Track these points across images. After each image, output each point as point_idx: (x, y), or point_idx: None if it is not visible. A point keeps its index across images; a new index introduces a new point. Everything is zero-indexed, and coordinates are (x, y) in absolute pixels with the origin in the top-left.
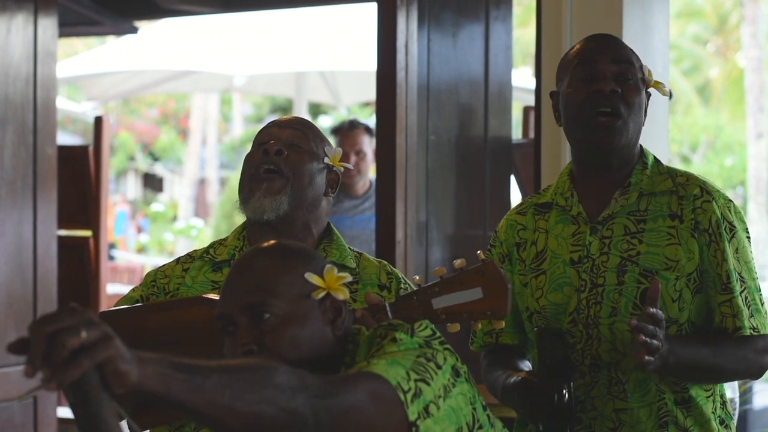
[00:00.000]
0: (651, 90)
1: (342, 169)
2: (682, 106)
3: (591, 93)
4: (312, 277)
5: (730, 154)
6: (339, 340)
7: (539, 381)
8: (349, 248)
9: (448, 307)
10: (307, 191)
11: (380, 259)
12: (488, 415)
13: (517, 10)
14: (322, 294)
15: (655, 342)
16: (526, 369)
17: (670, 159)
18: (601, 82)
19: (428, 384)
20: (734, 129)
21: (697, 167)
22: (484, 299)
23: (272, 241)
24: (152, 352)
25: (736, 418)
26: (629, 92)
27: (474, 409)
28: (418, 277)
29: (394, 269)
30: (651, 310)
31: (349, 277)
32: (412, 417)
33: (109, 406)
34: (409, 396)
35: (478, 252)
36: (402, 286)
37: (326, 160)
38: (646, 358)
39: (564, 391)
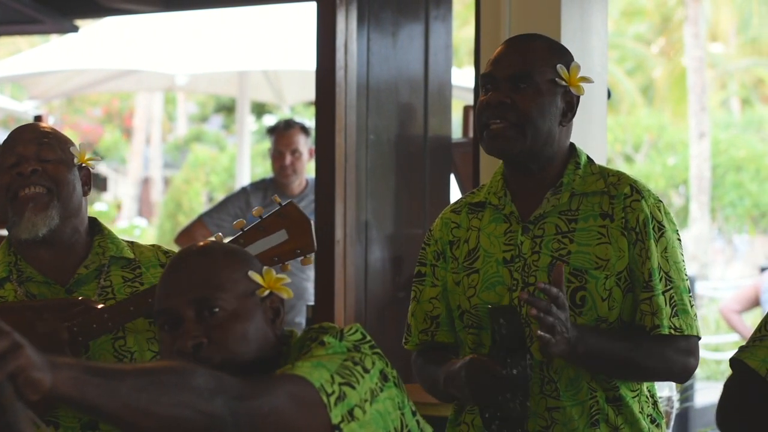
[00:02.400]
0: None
1: (93, 164)
2: (626, 106)
3: (483, 104)
4: (255, 276)
5: (672, 154)
6: (277, 341)
7: (491, 357)
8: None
9: (256, 255)
10: (72, 199)
11: (152, 243)
12: (417, 421)
13: (462, 9)
14: (266, 292)
15: (548, 318)
16: None
17: (613, 158)
18: (492, 93)
19: (353, 388)
20: (677, 129)
21: (640, 166)
22: (289, 240)
23: (207, 241)
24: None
25: (674, 416)
26: (524, 100)
27: (402, 414)
28: (220, 234)
29: (167, 249)
30: (543, 284)
31: (287, 279)
32: (335, 420)
33: (24, 414)
34: (332, 399)
35: (274, 196)
36: None
37: (75, 161)
38: (539, 333)
39: (520, 362)
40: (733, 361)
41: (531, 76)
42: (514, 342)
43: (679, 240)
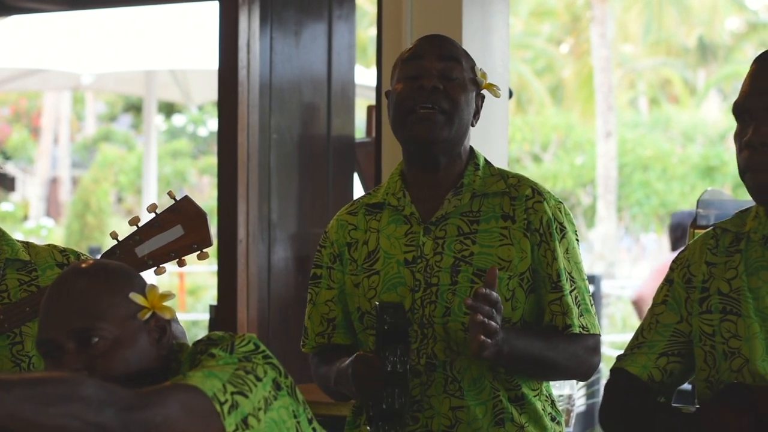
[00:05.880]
0: (486, 92)
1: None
2: (535, 106)
3: (414, 89)
4: (137, 297)
5: (580, 153)
6: (163, 358)
7: (374, 352)
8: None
9: (153, 252)
10: None
11: (48, 243)
12: (314, 429)
13: (371, 8)
14: (148, 314)
15: (492, 324)
16: None
17: (521, 158)
18: (424, 78)
19: (246, 396)
20: (585, 128)
21: (548, 166)
22: (186, 235)
23: (90, 261)
24: None
25: (574, 414)
26: (453, 89)
27: (298, 422)
28: (115, 231)
29: (64, 246)
30: (484, 290)
31: (172, 295)
32: (229, 429)
33: None
34: (225, 407)
35: (168, 192)
36: (82, 257)
37: None
38: (482, 338)
39: (397, 357)
40: (614, 370)
41: (460, 69)
42: (396, 338)
43: (578, 240)
